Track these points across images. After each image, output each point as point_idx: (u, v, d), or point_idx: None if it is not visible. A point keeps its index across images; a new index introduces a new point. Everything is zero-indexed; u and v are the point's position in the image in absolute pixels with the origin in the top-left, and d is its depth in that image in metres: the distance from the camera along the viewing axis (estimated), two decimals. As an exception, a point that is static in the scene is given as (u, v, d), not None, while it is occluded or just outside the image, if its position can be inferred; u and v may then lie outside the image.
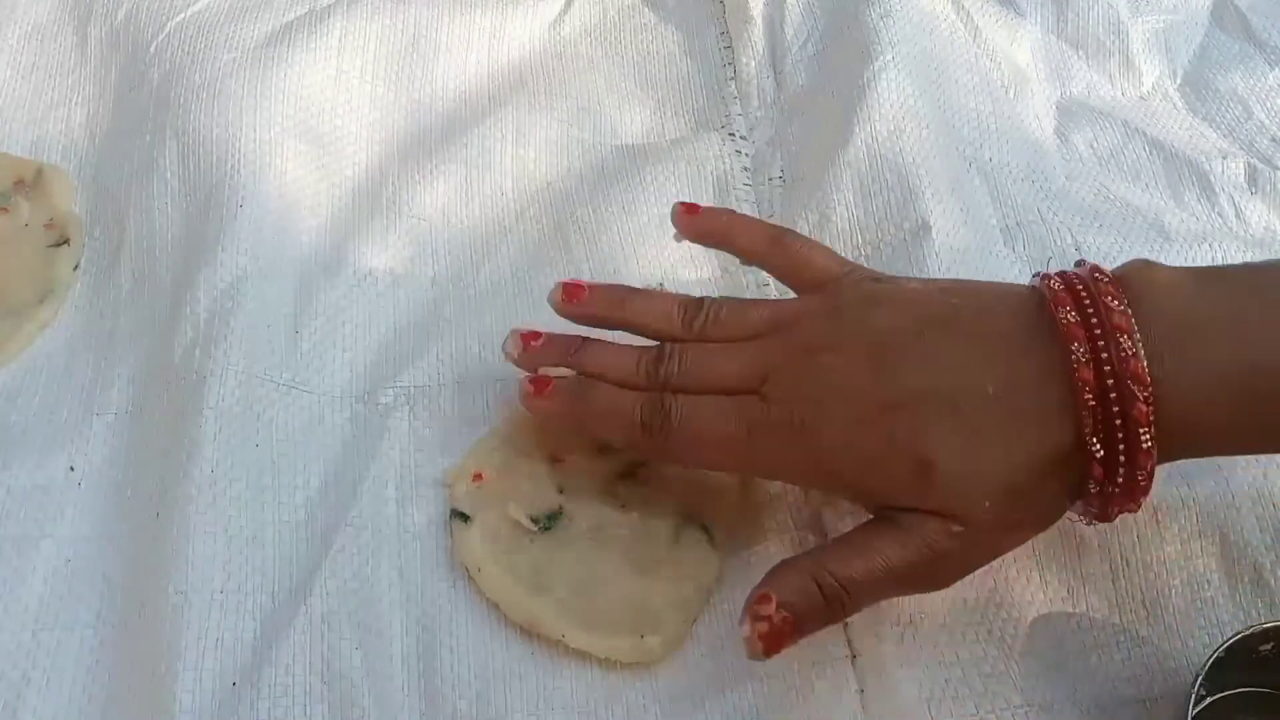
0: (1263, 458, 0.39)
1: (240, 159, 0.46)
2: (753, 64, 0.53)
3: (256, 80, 0.48)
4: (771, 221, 0.41)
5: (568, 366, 0.38)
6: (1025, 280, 0.45)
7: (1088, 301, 0.32)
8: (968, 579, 0.36)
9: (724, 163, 0.50)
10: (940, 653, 0.36)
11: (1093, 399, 0.31)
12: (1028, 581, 0.37)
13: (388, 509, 0.39)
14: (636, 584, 0.37)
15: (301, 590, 0.37)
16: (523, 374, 0.39)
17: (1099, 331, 0.32)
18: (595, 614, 0.37)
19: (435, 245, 0.47)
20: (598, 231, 0.47)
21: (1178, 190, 0.50)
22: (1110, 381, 0.31)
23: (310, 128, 0.49)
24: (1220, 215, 0.49)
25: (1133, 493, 0.32)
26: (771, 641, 0.32)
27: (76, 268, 0.46)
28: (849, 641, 0.37)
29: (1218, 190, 0.49)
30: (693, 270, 0.47)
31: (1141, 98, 0.54)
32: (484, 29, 0.54)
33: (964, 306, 0.35)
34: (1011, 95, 0.53)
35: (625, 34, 0.56)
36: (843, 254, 0.45)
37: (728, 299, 0.39)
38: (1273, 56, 0.55)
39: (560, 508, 0.39)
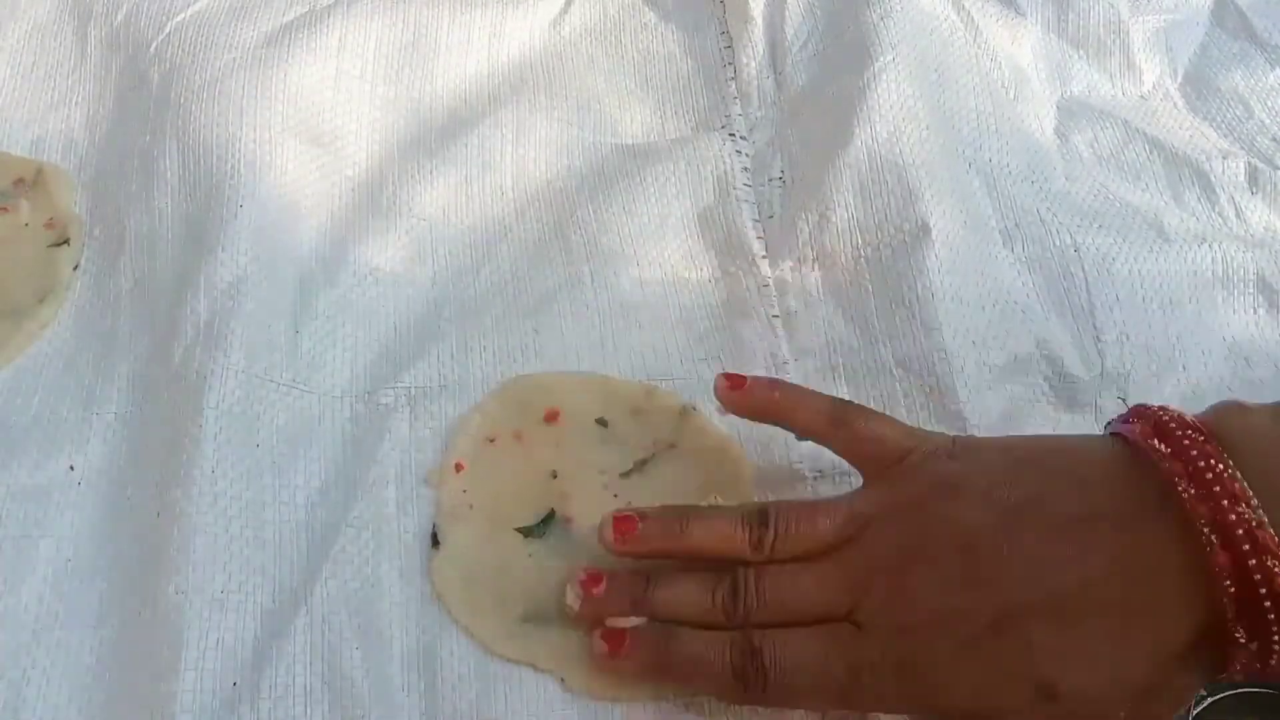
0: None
1: (240, 159, 0.46)
2: (753, 64, 0.53)
3: (256, 80, 0.48)
4: (826, 395, 0.38)
5: (637, 614, 0.34)
6: (1024, 278, 0.45)
7: (1195, 453, 0.29)
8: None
9: (724, 163, 0.50)
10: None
11: (1232, 585, 0.28)
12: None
13: (388, 509, 0.39)
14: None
15: (302, 590, 0.37)
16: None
17: (1218, 490, 0.28)
18: (589, 649, 0.35)
19: (435, 245, 0.47)
20: (598, 232, 0.47)
21: (1178, 190, 0.50)
22: (1246, 548, 0.28)
23: (310, 128, 0.49)
24: (1220, 215, 0.49)
25: None
26: None
27: (76, 267, 0.46)
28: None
29: (1218, 190, 0.49)
30: (693, 271, 0.47)
31: (1142, 97, 0.54)
32: (484, 28, 0.54)
33: (1049, 481, 0.32)
34: (1011, 95, 0.52)
35: (625, 33, 0.56)
36: (842, 255, 0.45)
37: (793, 505, 0.35)
38: (1273, 56, 0.55)
39: (553, 512, 0.39)
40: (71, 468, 0.40)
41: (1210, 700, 0.35)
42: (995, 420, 0.41)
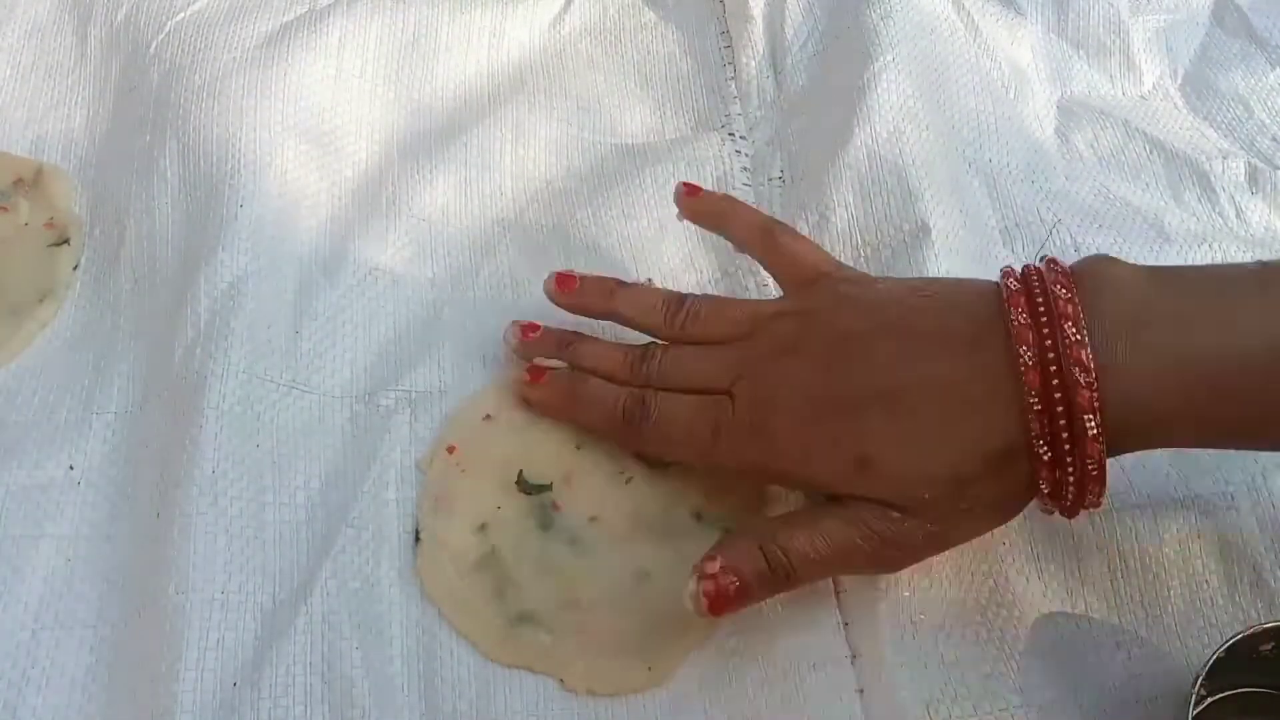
0: (1261, 457, 0.39)
1: (240, 159, 0.46)
2: (753, 64, 0.53)
3: (256, 80, 0.48)
4: (768, 215, 0.42)
5: (561, 359, 0.41)
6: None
7: (1039, 295, 0.33)
8: (966, 580, 0.36)
9: (724, 163, 0.50)
10: (940, 653, 0.36)
11: (1037, 402, 0.32)
12: (1027, 582, 0.37)
13: (388, 509, 0.39)
14: (635, 599, 0.37)
15: (302, 590, 0.37)
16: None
17: (1045, 320, 0.32)
18: (592, 644, 0.36)
19: (435, 245, 0.47)
20: (598, 233, 0.47)
21: (1178, 190, 0.50)
22: (1054, 369, 0.32)
23: (310, 127, 0.49)
24: (1221, 215, 0.49)
25: (1086, 483, 0.33)
26: (716, 602, 0.34)
27: (76, 267, 0.46)
28: (849, 641, 0.37)
29: (1218, 190, 0.49)
30: (693, 273, 0.47)
31: (1142, 97, 0.54)
32: (484, 28, 0.54)
33: (927, 307, 0.36)
34: (1011, 95, 0.52)
35: (625, 33, 0.56)
36: (842, 255, 0.45)
37: (711, 297, 0.41)
38: (1274, 56, 0.55)
39: (550, 484, 0.39)
40: (71, 467, 0.40)
41: (1210, 700, 0.35)
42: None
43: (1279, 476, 0.39)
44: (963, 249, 0.45)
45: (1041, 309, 0.33)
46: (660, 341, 0.40)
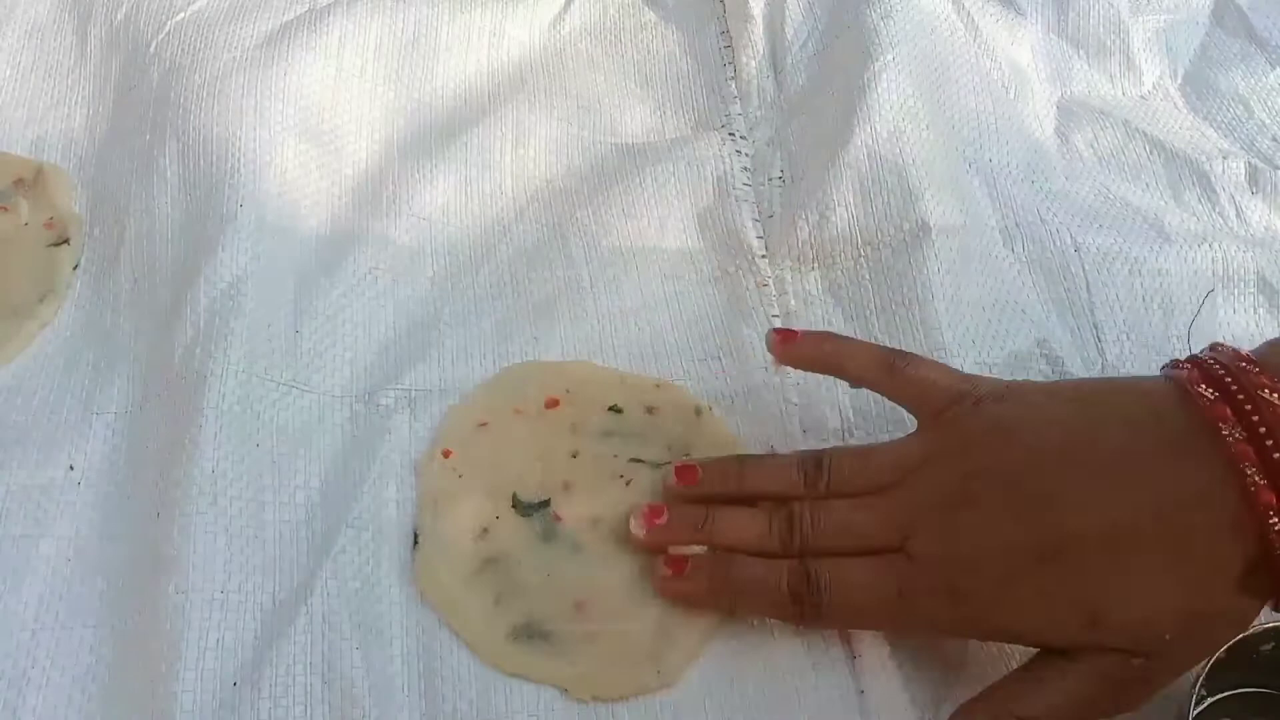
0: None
1: (240, 159, 0.46)
2: (753, 64, 0.53)
3: (256, 80, 0.48)
4: (877, 343, 0.40)
5: (698, 543, 0.36)
6: (1024, 278, 0.45)
7: (1245, 402, 0.30)
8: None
9: (724, 162, 0.50)
10: (941, 654, 0.36)
11: (1276, 520, 0.29)
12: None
13: (388, 509, 0.39)
14: (642, 602, 0.36)
15: (302, 590, 0.37)
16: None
17: (1265, 432, 0.29)
18: (598, 651, 0.36)
19: (435, 245, 0.47)
20: (598, 232, 0.47)
21: (1178, 190, 0.50)
22: None
23: (310, 127, 0.49)
24: (1221, 215, 0.49)
25: None
26: None
27: (76, 267, 0.46)
28: (849, 642, 0.37)
29: (1218, 190, 0.49)
30: (693, 270, 0.47)
31: (1142, 97, 0.54)
32: (484, 28, 0.54)
33: (1100, 422, 0.33)
34: (1012, 95, 0.52)
35: (625, 33, 0.56)
36: (842, 255, 0.45)
37: (847, 450, 0.37)
38: (1274, 56, 0.55)
39: (548, 501, 0.39)
40: (71, 467, 0.40)
41: (1210, 700, 0.35)
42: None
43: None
44: (963, 248, 0.45)
45: (1255, 418, 0.30)
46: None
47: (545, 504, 0.39)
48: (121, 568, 0.38)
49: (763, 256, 0.46)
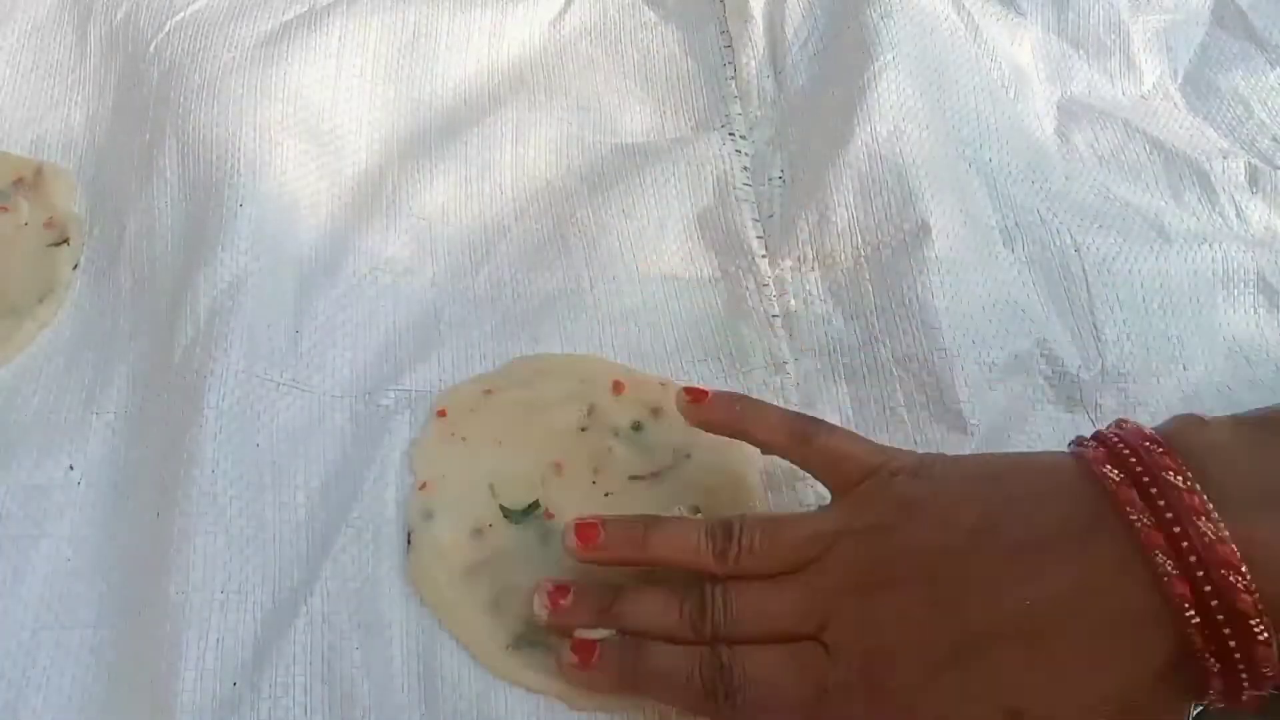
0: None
1: (240, 158, 0.46)
2: (753, 64, 0.53)
3: (256, 80, 0.48)
4: (792, 410, 0.38)
5: (605, 626, 0.35)
6: (1024, 278, 0.45)
7: (1150, 485, 0.29)
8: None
9: (724, 163, 0.50)
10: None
11: (1194, 614, 0.28)
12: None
13: (388, 509, 0.39)
14: None
15: (302, 590, 0.37)
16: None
17: (1171, 518, 0.28)
18: None
19: (435, 245, 0.47)
20: (597, 233, 0.47)
21: (1178, 190, 0.50)
22: (1200, 574, 0.28)
23: (310, 127, 0.49)
24: (1221, 215, 0.49)
25: (1261, 684, 0.28)
26: None
27: (76, 267, 0.46)
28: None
29: (1218, 190, 0.49)
30: (693, 271, 0.47)
31: (1142, 97, 0.54)
32: (484, 27, 0.54)
33: (1007, 502, 0.32)
34: (1011, 95, 0.52)
35: (625, 33, 0.56)
36: (842, 255, 0.45)
37: (758, 519, 0.35)
38: (1274, 56, 0.55)
39: (536, 503, 0.39)
40: (71, 467, 0.40)
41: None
42: (995, 419, 0.41)
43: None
44: (963, 249, 0.45)
45: (1161, 503, 0.28)
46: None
47: (534, 506, 0.39)
48: (121, 568, 0.38)
49: (763, 256, 0.46)
